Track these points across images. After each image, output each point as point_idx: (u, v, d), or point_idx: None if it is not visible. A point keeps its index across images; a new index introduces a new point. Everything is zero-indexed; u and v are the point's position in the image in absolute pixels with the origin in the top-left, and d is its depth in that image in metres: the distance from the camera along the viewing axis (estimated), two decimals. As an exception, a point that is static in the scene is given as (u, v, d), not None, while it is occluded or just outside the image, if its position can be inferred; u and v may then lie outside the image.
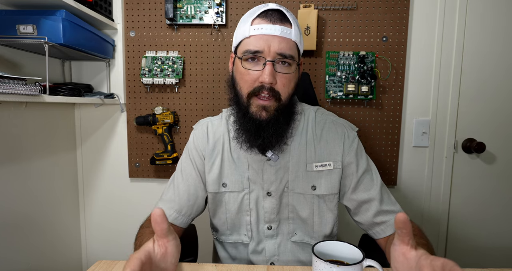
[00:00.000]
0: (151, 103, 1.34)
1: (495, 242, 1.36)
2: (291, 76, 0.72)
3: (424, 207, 1.35)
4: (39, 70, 1.13)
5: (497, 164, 1.33)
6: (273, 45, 0.68)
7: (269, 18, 0.69)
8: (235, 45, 0.75)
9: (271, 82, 0.68)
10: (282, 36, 0.69)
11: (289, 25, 0.70)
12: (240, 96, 0.73)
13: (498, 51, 1.28)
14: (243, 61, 0.71)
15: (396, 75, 1.28)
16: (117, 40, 1.32)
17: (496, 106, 1.30)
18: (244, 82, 0.71)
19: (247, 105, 0.72)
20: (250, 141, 0.74)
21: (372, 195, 0.76)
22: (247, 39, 0.71)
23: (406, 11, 1.25)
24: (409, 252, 0.50)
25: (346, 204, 0.81)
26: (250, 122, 0.72)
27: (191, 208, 0.81)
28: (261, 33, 0.69)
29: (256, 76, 0.70)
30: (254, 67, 0.70)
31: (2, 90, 0.75)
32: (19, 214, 1.08)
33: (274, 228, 0.80)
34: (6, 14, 0.96)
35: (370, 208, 0.76)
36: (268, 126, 0.71)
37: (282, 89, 0.70)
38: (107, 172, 1.41)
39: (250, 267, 0.67)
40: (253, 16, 0.71)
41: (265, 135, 0.71)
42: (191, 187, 0.81)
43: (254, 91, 0.70)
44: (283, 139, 0.75)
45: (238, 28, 0.75)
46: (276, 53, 0.68)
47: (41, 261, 1.18)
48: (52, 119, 1.24)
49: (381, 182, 0.78)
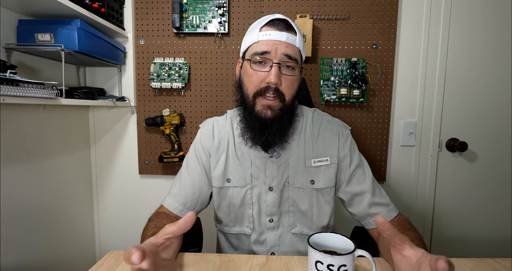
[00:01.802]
0: (159, 106, 1.34)
1: (476, 233, 1.36)
2: (295, 79, 0.72)
3: (412, 201, 1.35)
4: (56, 75, 1.13)
5: (478, 162, 1.33)
6: (279, 48, 0.69)
7: (276, 26, 0.71)
8: (244, 50, 0.76)
9: (277, 83, 0.69)
10: (288, 42, 0.70)
11: (294, 33, 0.72)
12: (246, 96, 0.73)
13: (479, 58, 1.28)
14: (252, 63, 0.71)
15: (385, 80, 1.28)
16: (128, 47, 1.32)
17: (478, 108, 1.31)
18: (251, 82, 0.71)
19: (253, 104, 0.72)
20: (255, 138, 0.74)
21: (364, 188, 0.76)
22: (255, 43, 0.72)
23: (395, 21, 1.25)
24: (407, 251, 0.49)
25: (341, 196, 0.81)
26: (255, 121, 0.72)
27: (196, 201, 0.81)
28: (269, 38, 0.70)
29: (263, 77, 0.70)
30: (261, 69, 0.70)
31: (22, 94, 0.75)
32: (38, 207, 1.08)
33: (276, 221, 0.80)
34: (25, 24, 0.97)
35: (363, 200, 0.76)
36: (273, 125, 0.71)
37: (286, 91, 0.71)
38: (118, 169, 1.41)
39: (251, 257, 0.67)
40: (261, 24, 0.72)
41: (269, 133, 0.71)
42: (196, 182, 0.81)
43: (260, 91, 0.70)
44: (285, 137, 0.76)
45: (246, 35, 0.76)
46: (282, 55, 0.69)
47: (59, 249, 1.18)
48: (68, 120, 1.24)
49: (372, 176, 0.79)
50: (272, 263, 0.65)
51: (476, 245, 1.37)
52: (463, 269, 0.63)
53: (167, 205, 0.80)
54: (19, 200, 1.00)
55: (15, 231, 0.98)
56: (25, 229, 1.02)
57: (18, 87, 0.74)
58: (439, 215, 1.36)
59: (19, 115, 0.99)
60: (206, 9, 1.26)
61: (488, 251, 1.36)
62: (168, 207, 0.79)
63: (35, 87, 0.80)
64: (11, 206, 0.96)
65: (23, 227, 1.02)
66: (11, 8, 0.95)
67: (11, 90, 0.72)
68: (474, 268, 0.63)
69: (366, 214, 0.76)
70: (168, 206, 0.80)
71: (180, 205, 0.79)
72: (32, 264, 1.04)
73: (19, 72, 0.87)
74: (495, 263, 0.65)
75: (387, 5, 1.24)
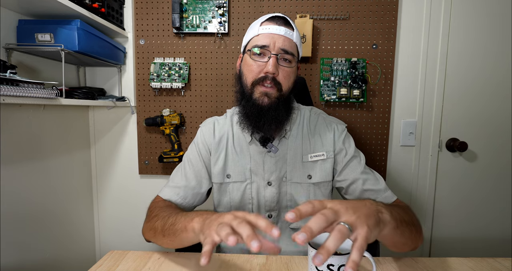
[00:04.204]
0: (159, 106, 1.34)
1: (476, 233, 1.36)
2: (291, 71, 0.76)
3: (411, 201, 1.35)
4: (56, 75, 1.13)
5: (478, 162, 1.33)
6: (278, 42, 0.73)
7: (276, 22, 0.75)
8: (244, 45, 0.80)
9: (274, 73, 0.72)
10: (285, 36, 0.74)
11: (292, 29, 0.76)
12: (245, 86, 0.76)
13: (479, 57, 1.28)
14: (252, 54, 0.75)
15: (385, 80, 1.28)
16: (128, 47, 1.32)
17: (478, 108, 1.30)
18: (250, 72, 0.75)
19: (251, 92, 0.75)
20: (251, 124, 0.76)
21: (358, 175, 0.78)
22: (256, 37, 0.76)
23: (395, 20, 1.25)
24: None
25: (337, 186, 0.82)
26: (253, 107, 0.74)
27: (194, 197, 0.82)
28: (268, 32, 0.74)
29: (262, 67, 0.74)
30: (260, 60, 0.74)
31: (22, 94, 0.75)
32: (38, 207, 1.08)
33: (274, 217, 0.82)
34: (25, 24, 0.97)
35: (357, 187, 0.78)
36: (269, 112, 0.74)
37: (283, 81, 0.74)
38: (118, 169, 1.41)
39: (251, 256, 0.67)
40: (262, 20, 0.77)
41: (265, 120, 0.74)
42: (197, 177, 0.82)
43: (259, 80, 0.74)
44: (281, 126, 0.79)
45: (247, 32, 0.80)
46: (280, 48, 0.73)
47: (58, 249, 1.18)
48: (68, 120, 1.24)
49: (366, 166, 0.80)
50: (272, 263, 0.64)
51: (476, 244, 1.37)
52: (463, 269, 0.63)
53: (166, 196, 0.80)
54: (19, 200, 1.00)
55: (15, 231, 0.98)
56: (25, 229, 1.02)
57: (18, 87, 0.74)
58: (439, 214, 1.36)
59: (19, 115, 0.99)
60: (206, 9, 1.26)
61: (488, 250, 1.36)
62: (166, 198, 0.79)
63: (35, 87, 0.80)
64: (11, 206, 0.96)
65: (23, 227, 1.01)
66: (11, 8, 0.95)
67: (11, 90, 0.72)
68: (475, 268, 0.63)
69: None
70: (167, 198, 0.80)
71: (180, 198, 0.80)
72: (32, 264, 1.04)
73: (19, 72, 0.86)
74: (496, 263, 0.65)
75: (387, 5, 1.24)
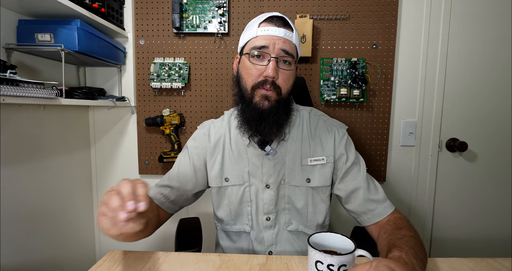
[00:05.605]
0: (159, 106, 1.34)
1: (476, 233, 1.36)
2: (291, 73, 0.74)
3: (411, 201, 1.35)
4: (56, 75, 1.13)
5: (478, 162, 1.33)
6: (277, 43, 0.71)
7: (275, 23, 0.73)
8: (242, 46, 0.77)
9: (274, 76, 0.70)
10: (285, 38, 0.72)
11: (291, 30, 0.74)
12: (244, 90, 0.74)
13: (479, 58, 1.28)
14: (250, 57, 0.73)
15: (385, 80, 1.28)
16: (128, 47, 1.32)
17: (478, 108, 1.31)
18: (249, 76, 0.73)
19: (251, 96, 0.73)
20: (252, 129, 0.75)
21: (359, 184, 0.77)
22: (254, 38, 0.73)
23: (395, 21, 1.25)
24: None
25: (337, 193, 0.81)
26: (253, 111, 0.73)
27: (179, 197, 0.82)
28: (267, 34, 0.72)
29: (261, 70, 0.72)
30: (259, 63, 0.72)
31: (22, 94, 0.75)
32: (37, 207, 1.08)
33: (272, 219, 0.81)
34: (25, 24, 0.97)
35: (358, 197, 0.76)
36: (270, 116, 0.72)
37: (283, 84, 0.72)
38: (118, 169, 1.41)
39: (251, 256, 0.67)
40: (260, 20, 0.74)
41: (266, 123, 0.72)
42: (177, 180, 0.82)
43: (258, 84, 0.72)
44: (282, 129, 0.77)
45: (245, 31, 0.77)
46: (280, 50, 0.71)
47: (58, 249, 1.18)
48: (68, 120, 1.24)
49: (367, 173, 0.79)
50: (272, 263, 0.64)
51: (476, 245, 1.37)
52: (463, 269, 0.63)
53: (151, 194, 0.80)
54: (19, 200, 1.00)
55: (15, 231, 0.98)
56: (25, 229, 1.02)
57: (18, 87, 0.74)
58: (439, 215, 1.36)
59: (19, 115, 0.99)
60: (206, 9, 1.26)
61: (488, 251, 1.36)
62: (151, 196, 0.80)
63: (35, 87, 0.80)
64: (11, 206, 0.96)
65: (23, 227, 1.01)
66: (11, 8, 0.95)
67: (11, 90, 0.72)
68: (475, 268, 0.63)
69: (362, 210, 0.76)
70: (151, 195, 0.80)
71: (163, 197, 0.80)
72: (32, 264, 1.04)
73: (19, 72, 0.87)
74: (496, 263, 0.65)
75: (387, 5, 1.24)
